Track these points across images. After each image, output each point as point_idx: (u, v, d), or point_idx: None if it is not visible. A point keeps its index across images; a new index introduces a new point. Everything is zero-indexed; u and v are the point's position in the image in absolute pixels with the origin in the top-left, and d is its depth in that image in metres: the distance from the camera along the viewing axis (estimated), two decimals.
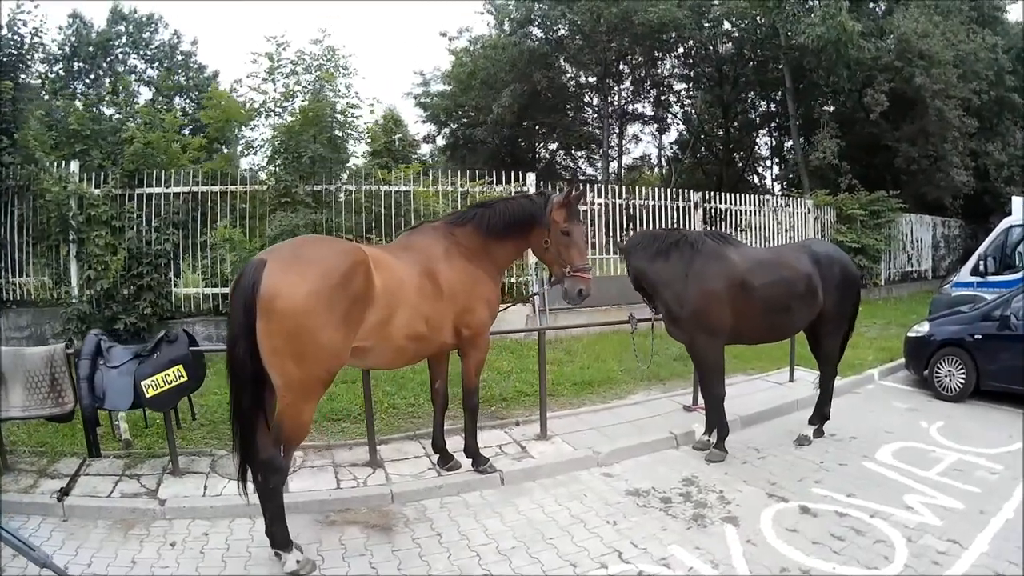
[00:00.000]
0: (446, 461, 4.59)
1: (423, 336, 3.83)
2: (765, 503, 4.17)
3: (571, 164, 26.32)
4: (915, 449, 5.17)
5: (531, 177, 9.68)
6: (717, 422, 5.07)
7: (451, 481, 4.46)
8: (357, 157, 10.42)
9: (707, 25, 18.16)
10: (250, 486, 3.39)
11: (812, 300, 5.02)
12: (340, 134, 8.40)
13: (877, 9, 16.53)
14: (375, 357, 3.80)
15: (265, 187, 8.13)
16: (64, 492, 4.15)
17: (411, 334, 3.74)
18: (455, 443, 4.66)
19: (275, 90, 8.38)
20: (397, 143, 22.34)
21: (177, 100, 20.26)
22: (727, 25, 18.75)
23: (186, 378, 4.13)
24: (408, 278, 3.73)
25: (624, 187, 11.13)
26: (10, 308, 7.70)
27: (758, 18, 17.22)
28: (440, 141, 24.97)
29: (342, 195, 8.47)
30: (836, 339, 5.34)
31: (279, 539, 3.31)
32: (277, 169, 8.27)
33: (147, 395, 4.10)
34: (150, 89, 20.26)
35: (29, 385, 4.33)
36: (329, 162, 8.32)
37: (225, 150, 10.42)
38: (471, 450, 4.51)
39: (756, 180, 24.71)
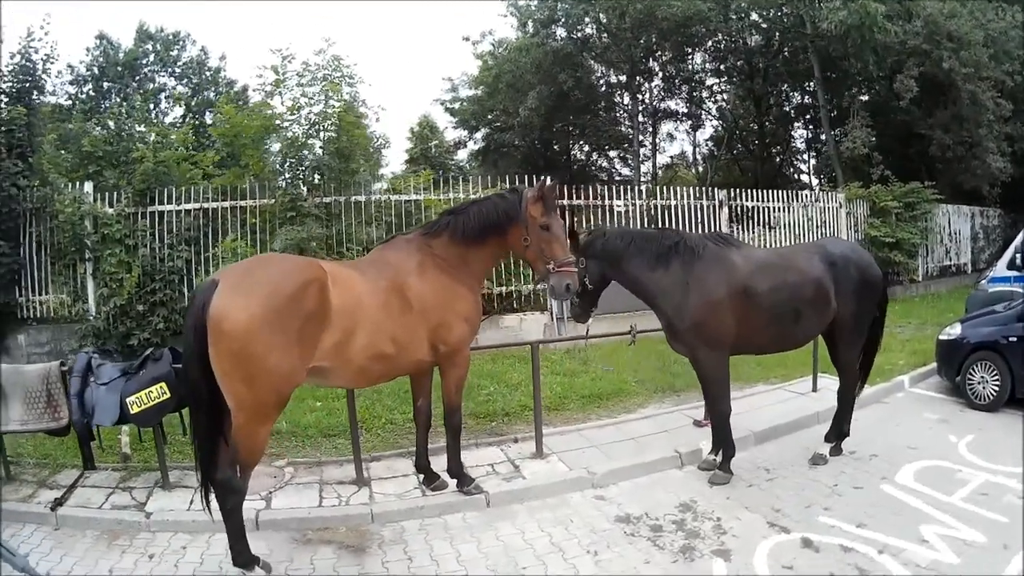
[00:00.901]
0: (431, 480, 4.60)
1: (389, 356, 3.81)
2: (764, 534, 3.99)
3: (606, 165, 26.16)
4: (940, 469, 4.88)
5: (546, 180, 9.65)
6: (723, 441, 4.91)
7: (434, 502, 4.47)
8: (389, 165, 10.65)
9: (734, 17, 17.87)
10: (215, 504, 3.49)
11: (823, 306, 4.79)
12: (347, 144, 8.58)
13: None
14: (337, 378, 3.82)
15: (274, 201, 8.39)
16: (59, 502, 4.44)
17: (375, 354, 3.73)
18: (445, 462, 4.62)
19: (282, 103, 8.68)
20: (433, 149, 22.87)
21: (208, 116, 21.26)
22: (754, 16, 18.45)
23: (169, 395, 4.28)
24: (371, 295, 3.73)
25: (645, 188, 11.02)
26: (31, 325, 8.23)
27: (783, 7, 16.94)
28: (472, 146, 25.33)
29: (378, 204, 8.56)
30: (854, 348, 5.07)
31: (240, 558, 3.40)
32: (285, 182, 8.53)
33: (132, 412, 4.28)
34: (180, 106, 21.36)
35: (27, 400, 4.63)
36: (337, 172, 8.54)
37: (246, 163, 10.81)
38: (454, 471, 4.50)
39: (793, 174, 24.13)
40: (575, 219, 9.58)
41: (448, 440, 4.49)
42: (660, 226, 10.10)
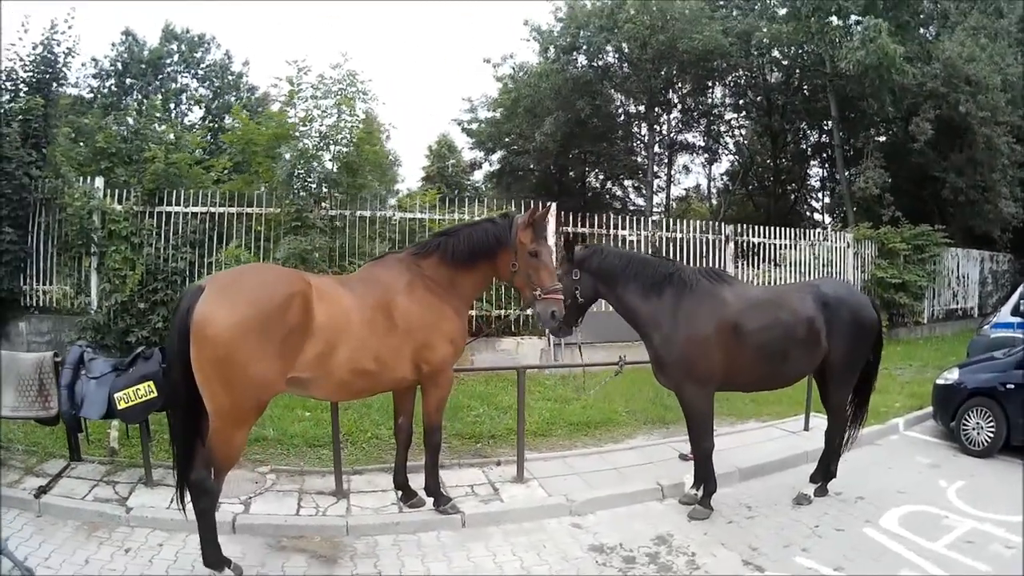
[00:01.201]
0: (409, 497, 4.68)
1: (370, 372, 3.92)
2: (738, 572, 4.03)
3: (620, 194, 26.44)
4: (926, 514, 4.89)
5: (552, 207, 9.83)
6: (705, 476, 4.96)
7: (410, 519, 4.56)
8: (404, 181, 10.92)
9: (755, 53, 18.25)
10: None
11: (814, 347, 4.87)
12: (356, 158, 8.82)
13: (927, 34, 16.43)
14: (317, 389, 3.92)
15: (280, 210, 8.62)
16: (43, 490, 4.60)
17: (356, 369, 3.83)
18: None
19: (295, 114, 8.94)
20: (450, 168, 23.24)
21: (227, 119, 21.82)
22: (775, 53, 18.88)
23: (156, 394, 4.42)
24: (356, 311, 3.84)
25: (652, 219, 11.19)
26: (33, 314, 8.46)
27: (804, 45, 17.36)
28: (488, 167, 25.71)
29: (383, 220, 8.80)
30: (844, 390, 5.13)
31: (210, 559, 3.51)
32: (294, 194, 8.74)
33: (119, 407, 4.44)
34: (200, 107, 21.97)
35: (20, 387, 4.82)
36: (345, 186, 8.76)
37: (256, 170, 11.08)
38: (431, 489, 4.58)
39: (807, 212, 24.49)
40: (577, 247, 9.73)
41: (427, 459, 4.55)
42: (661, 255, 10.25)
